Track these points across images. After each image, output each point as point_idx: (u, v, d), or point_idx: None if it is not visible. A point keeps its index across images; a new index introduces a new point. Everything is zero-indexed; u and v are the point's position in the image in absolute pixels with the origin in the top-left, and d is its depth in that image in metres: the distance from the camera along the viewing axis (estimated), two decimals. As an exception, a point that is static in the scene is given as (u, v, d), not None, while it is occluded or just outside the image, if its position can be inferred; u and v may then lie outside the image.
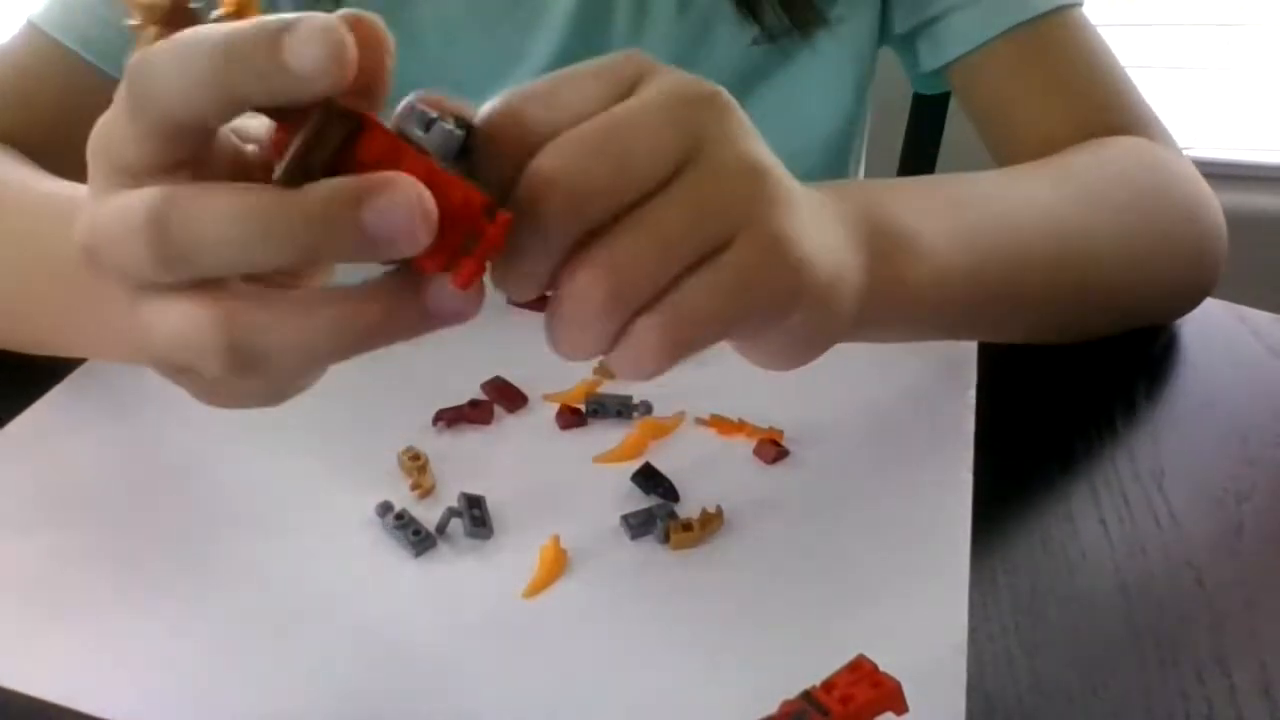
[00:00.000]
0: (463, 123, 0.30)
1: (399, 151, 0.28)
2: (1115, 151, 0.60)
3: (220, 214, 0.28)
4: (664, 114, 0.31)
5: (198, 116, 0.28)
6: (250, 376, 0.30)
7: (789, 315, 0.35)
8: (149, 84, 0.28)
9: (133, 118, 0.29)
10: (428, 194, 0.27)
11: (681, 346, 0.32)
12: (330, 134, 0.28)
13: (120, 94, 0.29)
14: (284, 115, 0.29)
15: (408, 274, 0.30)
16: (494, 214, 0.29)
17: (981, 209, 0.50)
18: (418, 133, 0.29)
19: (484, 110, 0.31)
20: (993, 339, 0.56)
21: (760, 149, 0.34)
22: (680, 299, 0.31)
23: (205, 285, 0.29)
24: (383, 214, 0.27)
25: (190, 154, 0.30)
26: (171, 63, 0.28)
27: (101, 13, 0.62)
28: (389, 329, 0.30)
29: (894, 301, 0.43)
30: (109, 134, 0.30)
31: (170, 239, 0.28)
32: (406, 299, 0.30)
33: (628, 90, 0.32)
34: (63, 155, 0.54)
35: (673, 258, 0.31)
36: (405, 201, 0.27)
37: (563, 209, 0.30)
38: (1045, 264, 0.52)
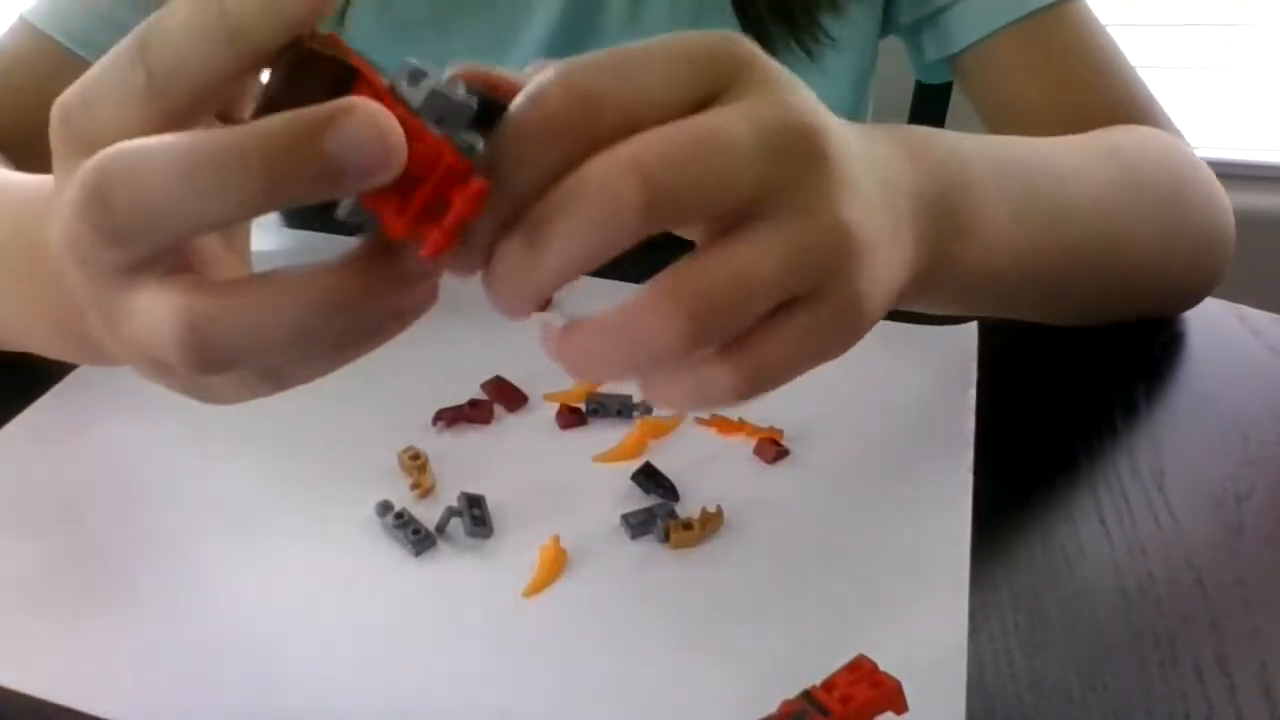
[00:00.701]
0: (487, 98, 0.28)
1: (378, 99, 0.27)
2: (1143, 136, 0.60)
3: (167, 168, 0.26)
4: (762, 143, 0.29)
5: (224, 81, 0.27)
6: (220, 370, 0.28)
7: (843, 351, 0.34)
8: (172, 56, 0.27)
9: (152, 97, 0.27)
10: (392, 118, 0.26)
11: (752, 394, 0.31)
12: (309, 79, 0.27)
13: (128, 73, 0.27)
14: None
15: (374, 251, 0.29)
16: (469, 181, 0.27)
17: (1040, 182, 0.49)
18: (404, 86, 0.27)
19: (540, 78, 0.29)
20: (1026, 319, 0.56)
21: (852, 197, 0.32)
22: (760, 351, 0.31)
23: (168, 277, 0.28)
24: (346, 139, 0.25)
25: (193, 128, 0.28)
26: (189, 30, 0.26)
27: (92, 6, 0.62)
28: (361, 308, 0.28)
29: (942, 282, 0.42)
30: (103, 113, 0.28)
31: (115, 209, 0.26)
32: (376, 272, 0.28)
33: (722, 84, 0.30)
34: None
35: (756, 304, 0.30)
36: (369, 123, 0.26)
37: (632, 203, 0.27)
38: (1091, 245, 0.51)
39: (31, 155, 0.56)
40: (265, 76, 0.28)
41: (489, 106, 0.28)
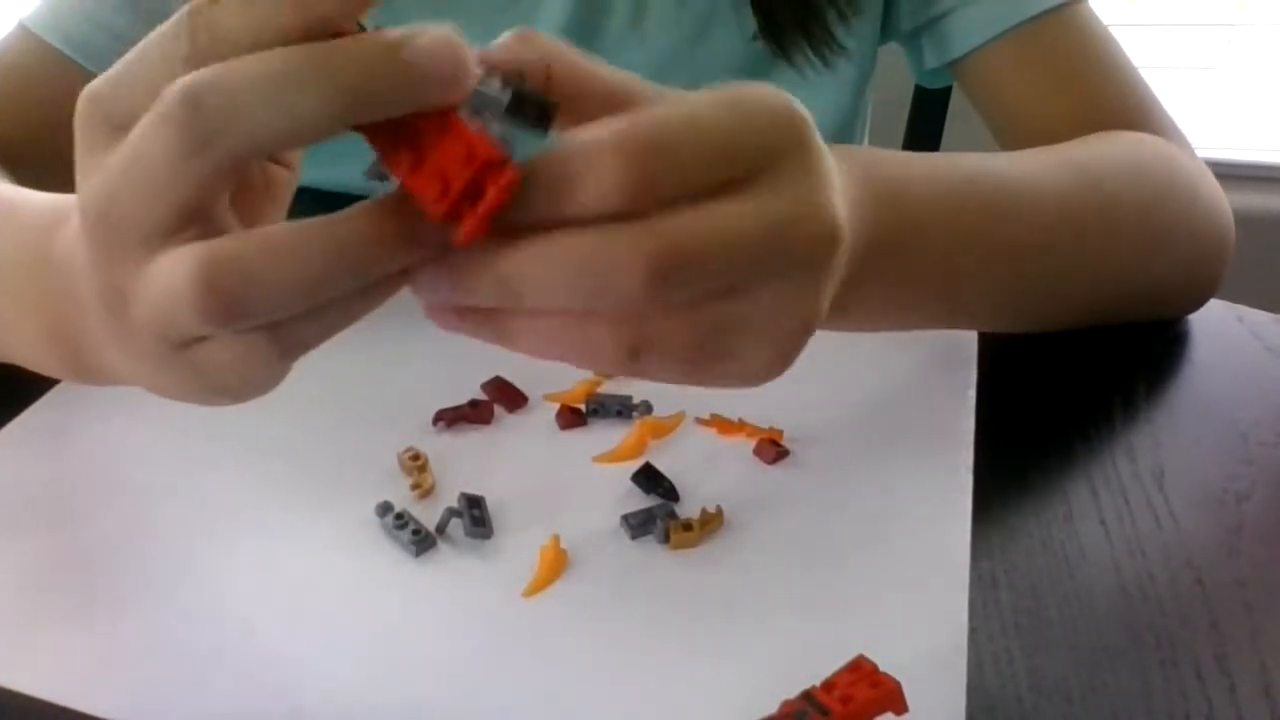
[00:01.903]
0: (521, 89, 0.30)
1: None
2: (1126, 144, 0.60)
3: (259, 71, 0.28)
4: (770, 246, 0.31)
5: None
6: (236, 316, 0.29)
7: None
8: (226, 17, 0.28)
9: (196, 64, 0.28)
10: (461, 41, 0.28)
11: (695, 363, 0.33)
12: None
13: (170, 45, 0.29)
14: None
15: (385, 208, 0.30)
16: (503, 170, 0.29)
17: (986, 198, 0.50)
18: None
19: (596, 136, 0.30)
20: (973, 329, 0.57)
21: (832, 291, 0.35)
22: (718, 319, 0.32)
23: (189, 239, 0.29)
24: (423, 50, 0.28)
25: None
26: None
27: (91, 13, 0.62)
28: (371, 256, 0.30)
29: (872, 300, 0.44)
30: (139, 89, 0.29)
31: (207, 108, 0.28)
32: (387, 225, 0.30)
33: (761, 165, 0.32)
34: (52, 156, 0.54)
35: (736, 270, 0.31)
36: (443, 39, 0.28)
37: (633, 276, 0.29)
38: (1041, 254, 0.52)
39: (30, 160, 0.56)
40: None
41: (523, 98, 0.31)
